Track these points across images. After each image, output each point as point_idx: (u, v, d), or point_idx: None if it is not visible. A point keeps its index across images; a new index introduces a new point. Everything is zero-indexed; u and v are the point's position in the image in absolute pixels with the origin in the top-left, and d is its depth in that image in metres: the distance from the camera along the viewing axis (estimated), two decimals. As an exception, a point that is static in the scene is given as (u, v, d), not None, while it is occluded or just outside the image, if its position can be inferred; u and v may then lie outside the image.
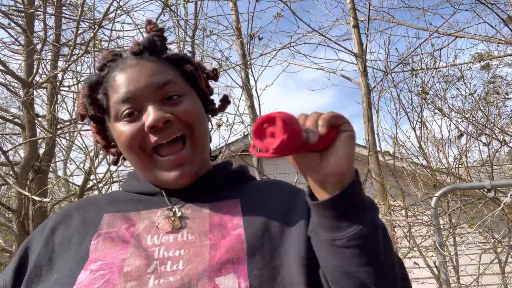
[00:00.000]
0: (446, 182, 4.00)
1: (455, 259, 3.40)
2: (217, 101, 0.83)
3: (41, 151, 3.36)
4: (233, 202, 0.68)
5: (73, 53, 3.04)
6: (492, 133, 4.40)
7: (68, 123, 3.68)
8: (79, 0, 3.23)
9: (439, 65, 5.13)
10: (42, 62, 3.36)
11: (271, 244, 0.61)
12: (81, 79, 4.03)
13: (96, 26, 2.73)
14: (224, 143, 3.18)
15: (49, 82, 3.23)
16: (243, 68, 3.55)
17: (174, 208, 0.66)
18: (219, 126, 3.04)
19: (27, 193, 2.58)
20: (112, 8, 2.93)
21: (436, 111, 4.86)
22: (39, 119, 3.49)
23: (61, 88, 3.39)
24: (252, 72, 3.29)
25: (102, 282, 0.54)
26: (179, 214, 0.65)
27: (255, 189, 0.73)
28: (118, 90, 0.66)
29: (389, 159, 4.45)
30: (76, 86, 4.60)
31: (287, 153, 0.51)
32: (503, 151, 5.91)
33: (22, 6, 3.21)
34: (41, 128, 3.33)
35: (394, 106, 5.64)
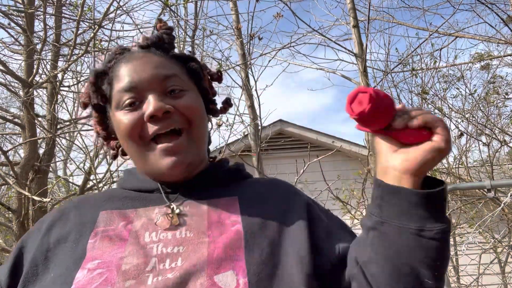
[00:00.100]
0: (446, 182, 3.99)
1: (455, 259, 3.40)
2: (219, 103, 0.84)
3: (41, 151, 3.36)
4: (231, 200, 0.68)
5: (73, 53, 3.04)
6: (492, 133, 4.40)
7: (68, 123, 3.67)
8: (79, 0, 3.23)
9: (439, 65, 5.13)
10: (42, 62, 3.36)
11: (269, 242, 0.61)
12: (81, 79, 4.03)
13: (96, 26, 2.73)
14: (224, 143, 3.18)
15: (49, 82, 3.22)
16: (243, 68, 3.55)
17: (172, 205, 0.66)
18: (219, 126, 3.04)
19: (27, 193, 2.57)
20: (112, 8, 2.93)
21: (436, 111, 4.87)
22: (39, 119, 3.49)
23: (61, 88, 3.39)
24: (252, 72, 3.30)
25: (101, 281, 0.54)
26: (177, 211, 0.65)
27: (253, 187, 0.73)
28: (122, 79, 0.67)
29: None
30: (76, 86, 4.59)
31: (368, 124, 0.53)
32: (503, 151, 5.91)
33: (22, 6, 3.21)
34: (41, 128, 3.33)
35: (394, 106, 5.63)
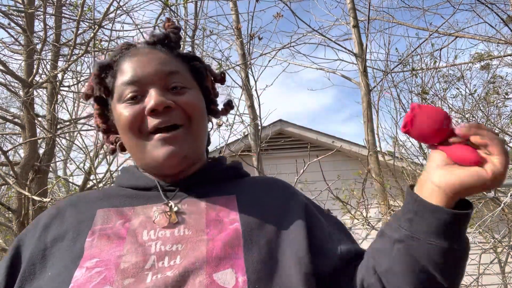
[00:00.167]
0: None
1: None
2: (220, 104, 0.84)
3: (41, 151, 3.36)
4: (229, 198, 0.68)
5: (73, 53, 3.04)
6: (492, 133, 4.39)
7: (68, 123, 3.67)
8: (79, 0, 3.23)
9: (439, 65, 5.13)
10: (42, 62, 3.36)
11: (268, 241, 0.61)
12: (81, 79, 4.03)
13: (96, 26, 2.73)
14: (224, 143, 3.18)
15: (49, 82, 3.22)
16: (243, 68, 3.55)
17: (170, 203, 0.65)
18: (219, 126, 3.04)
19: (27, 193, 2.57)
20: (112, 8, 2.93)
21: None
22: (39, 119, 3.48)
23: (61, 88, 3.39)
24: (252, 72, 3.29)
25: (99, 280, 0.54)
26: (176, 209, 0.64)
27: (251, 186, 0.73)
28: (126, 73, 0.68)
29: (389, 159, 4.45)
30: (76, 86, 4.59)
31: (419, 139, 0.55)
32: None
33: (22, 6, 3.21)
34: (41, 128, 3.33)
35: (394, 106, 5.64)
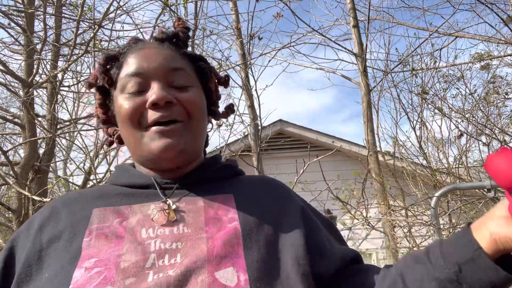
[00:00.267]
0: (446, 182, 4.00)
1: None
2: (221, 107, 0.85)
3: (41, 151, 3.36)
4: (227, 197, 0.68)
5: (73, 53, 3.04)
6: (492, 133, 4.40)
7: (68, 123, 3.67)
8: (79, 0, 3.23)
9: (439, 65, 5.13)
10: (42, 62, 3.36)
11: (267, 241, 0.61)
12: (81, 79, 4.03)
13: (96, 26, 2.73)
14: (224, 143, 3.18)
15: (49, 82, 3.22)
16: (243, 68, 3.55)
17: (169, 201, 0.65)
18: (219, 126, 3.04)
19: (27, 193, 2.57)
20: (112, 8, 2.93)
21: (436, 111, 4.87)
22: (39, 119, 3.49)
23: (61, 88, 3.39)
24: (252, 72, 3.30)
25: (100, 280, 0.53)
26: (174, 207, 0.64)
27: (248, 185, 0.73)
28: (131, 65, 0.68)
29: (389, 159, 4.45)
30: (76, 86, 4.59)
31: (499, 183, 0.51)
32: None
33: (22, 6, 3.21)
34: (41, 128, 3.33)
35: (394, 106, 5.64)
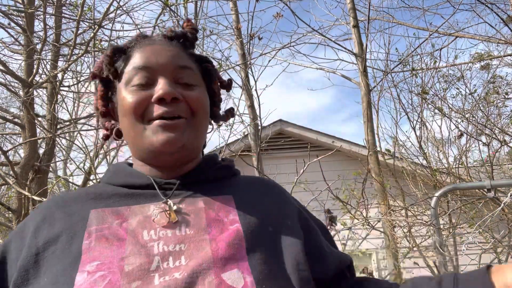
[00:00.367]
0: (446, 182, 4.00)
1: (455, 259, 3.40)
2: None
3: (41, 151, 3.36)
4: (227, 198, 0.67)
5: (73, 53, 3.04)
6: (492, 133, 4.40)
7: (68, 123, 3.67)
8: (79, 0, 3.23)
9: (439, 65, 5.13)
10: (42, 62, 3.36)
11: (269, 243, 0.61)
12: (81, 79, 4.03)
13: (96, 26, 2.73)
14: (224, 143, 3.17)
15: (49, 82, 3.22)
16: (243, 68, 3.55)
17: (169, 202, 0.64)
18: (219, 126, 3.03)
19: (27, 193, 2.57)
20: (112, 8, 2.93)
21: (436, 111, 4.87)
22: (39, 119, 3.49)
23: (61, 88, 3.39)
24: (252, 72, 3.29)
25: (104, 285, 0.52)
26: (175, 208, 0.63)
27: (246, 186, 0.73)
28: (138, 58, 0.68)
29: (389, 159, 4.45)
30: (76, 86, 4.60)
31: None
32: (503, 151, 5.90)
33: (22, 6, 3.21)
34: (41, 128, 3.33)
35: (394, 106, 5.64)
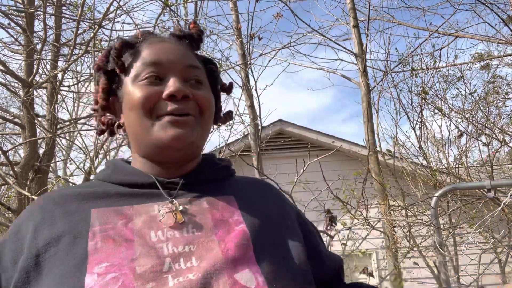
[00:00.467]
0: (446, 182, 4.00)
1: (455, 259, 3.40)
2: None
3: (41, 151, 3.36)
4: (228, 198, 0.67)
5: (73, 53, 3.04)
6: (492, 133, 4.40)
7: (68, 123, 3.68)
8: (79, 0, 3.23)
9: (439, 65, 5.13)
10: (42, 62, 3.36)
11: (274, 243, 0.62)
12: (81, 79, 4.03)
13: (96, 26, 2.73)
14: (224, 143, 3.18)
15: (49, 82, 3.23)
16: (243, 68, 3.55)
17: (175, 202, 0.63)
18: (219, 127, 3.04)
19: (27, 193, 2.57)
20: (112, 8, 2.93)
21: (436, 111, 4.87)
22: (39, 119, 3.49)
23: (61, 88, 3.39)
24: (252, 72, 3.29)
25: (118, 287, 0.50)
26: (181, 208, 0.62)
27: (245, 187, 0.73)
28: (149, 54, 0.68)
29: (389, 159, 4.45)
30: (76, 86, 4.60)
31: None
32: (503, 151, 5.91)
33: (22, 6, 3.21)
34: (41, 128, 3.33)
35: (394, 106, 5.64)
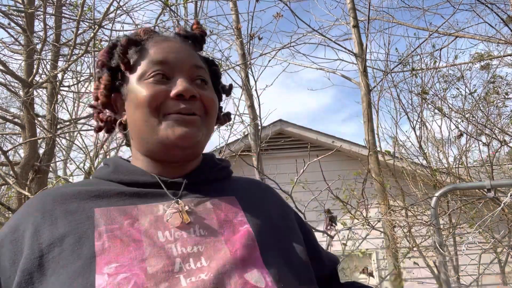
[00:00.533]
0: (446, 182, 4.00)
1: (455, 259, 3.40)
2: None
3: (41, 151, 3.36)
4: (231, 199, 0.67)
5: (73, 53, 3.04)
6: (492, 133, 4.40)
7: (68, 123, 3.68)
8: (79, 0, 3.23)
9: (439, 65, 5.13)
10: (42, 62, 3.36)
11: (276, 242, 0.63)
12: (81, 79, 4.03)
13: (96, 26, 2.73)
14: (224, 143, 3.17)
15: (49, 82, 3.23)
16: (243, 68, 3.55)
17: (180, 202, 0.63)
18: (219, 127, 3.03)
19: (27, 193, 2.57)
20: (112, 8, 2.93)
21: (436, 111, 4.87)
22: (39, 119, 3.49)
23: (61, 88, 3.40)
24: (252, 72, 3.29)
25: (130, 287, 0.50)
26: (186, 209, 0.62)
27: (245, 187, 0.74)
28: (157, 53, 0.68)
29: (389, 159, 4.45)
30: (76, 86, 4.60)
31: None
32: (503, 151, 5.91)
33: (22, 6, 3.21)
34: (41, 128, 3.33)
35: (394, 106, 5.64)
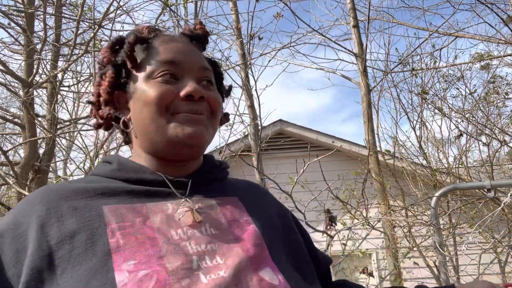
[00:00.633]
0: (446, 182, 4.00)
1: (455, 259, 3.40)
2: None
3: (41, 151, 3.36)
4: (233, 199, 0.68)
5: (73, 53, 3.04)
6: (492, 133, 4.40)
7: (68, 123, 3.68)
8: (79, 0, 3.23)
9: (439, 65, 5.13)
10: (42, 62, 3.36)
11: (279, 241, 0.64)
12: (81, 79, 4.03)
13: (96, 26, 2.73)
14: (224, 143, 3.17)
15: (49, 82, 3.23)
16: (243, 68, 3.55)
17: (189, 201, 0.63)
18: (219, 127, 3.03)
19: (27, 193, 2.57)
20: (112, 8, 2.93)
21: (436, 111, 4.87)
22: (39, 119, 3.49)
23: (61, 88, 3.40)
24: (252, 72, 3.28)
25: (153, 284, 0.49)
26: (196, 207, 0.62)
27: (245, 189, 0.75)
28: (165, 52, 0.68)
29: (389, 159, 4.45)
30: (76, 86, 4.60)
31: None
32: (503, 151, 5.91)
33: (22, 6, 3.22)
34: (41, 128, 3.33)
35: (394, 106, 5.65)
